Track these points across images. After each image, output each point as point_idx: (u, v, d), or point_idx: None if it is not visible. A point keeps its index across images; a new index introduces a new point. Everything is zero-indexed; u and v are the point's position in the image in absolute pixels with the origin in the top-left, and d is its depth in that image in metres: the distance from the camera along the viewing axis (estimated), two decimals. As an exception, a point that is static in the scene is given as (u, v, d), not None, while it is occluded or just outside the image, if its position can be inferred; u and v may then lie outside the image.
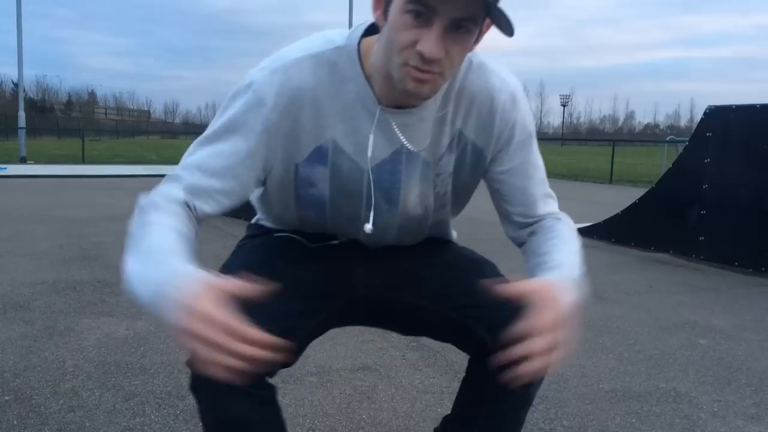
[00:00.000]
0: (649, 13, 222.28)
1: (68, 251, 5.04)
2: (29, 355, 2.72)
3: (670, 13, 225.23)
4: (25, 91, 21.13)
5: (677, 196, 5.63)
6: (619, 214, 6.21)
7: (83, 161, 18.28)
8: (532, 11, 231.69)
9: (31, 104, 53.68)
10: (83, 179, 12.35)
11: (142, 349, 2.83)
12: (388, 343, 2.95)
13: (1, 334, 2.98)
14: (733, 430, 2.20)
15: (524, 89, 1.26)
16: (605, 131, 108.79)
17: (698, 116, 6.37)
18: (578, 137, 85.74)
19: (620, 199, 8.52)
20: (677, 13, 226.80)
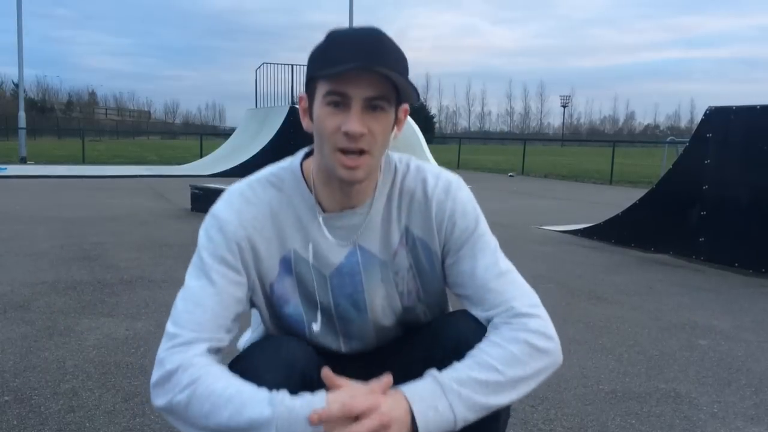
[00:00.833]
0: (649, 13, 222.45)
1: (68, 251, 5.04)
2: (29, 355, 2.72)
3: (670, 13, 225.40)
4: (25, 91, 21.16)
5: (677, 197, 5.63)
6: (619, 215, 6.21)
7: (83, 161, 18.28)
8: (532, 11, 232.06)
9: (31, 104, 53.61)
10: (83, 179, 12.36)
11: (142, 349, 2.83)
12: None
13: (1, 334, 2.98)
14: (732, 431, 2.20)
15: (524, 89, 1.27)
16: (605, 132, 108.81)
17: (698, 117, 6.37)
18: (578, 138, 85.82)
19: (620, 200, 8.52)
20: (677, 13, 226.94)
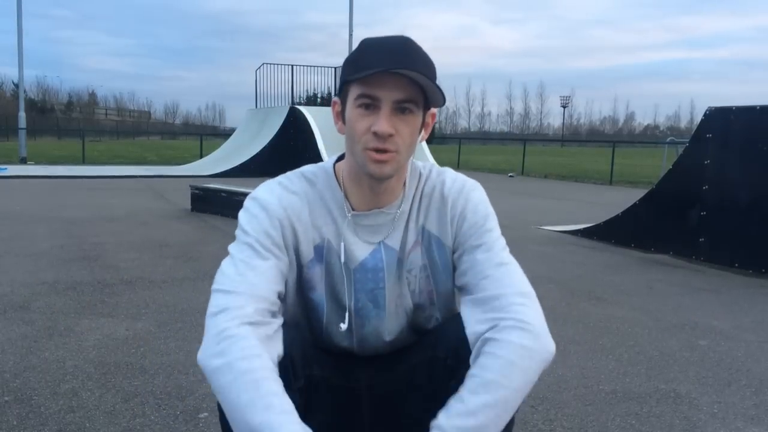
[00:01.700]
0: (649, 14, 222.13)
1: (68, 251, 5.04)
2: (29, 355, 2.72)
3: (670, 14, 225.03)
4: (25, 91, 21.16)
5: (677, 197, 5.63)
6: (619, 215, 6.21)
7: (83, 162, 18.27)
8: (531, 12, 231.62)
9: (31, 105, 53.54)
10: (83, 180, 12.35)
11: (142, 349, 2.83)
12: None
13: (1, 334, 2.98)
14: (732, 431, 2.20)
15: (524, 90, 1.29)
16: (605, 132, 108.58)
17: (698, 117, 6.38)
18: (578, 138, 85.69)
19: (620, 200, 8.52)
20: (677, 14, 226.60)
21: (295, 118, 14.24)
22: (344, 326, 1.30)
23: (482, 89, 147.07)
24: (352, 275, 1.29)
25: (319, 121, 13.27)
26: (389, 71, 1.12)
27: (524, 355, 1.11)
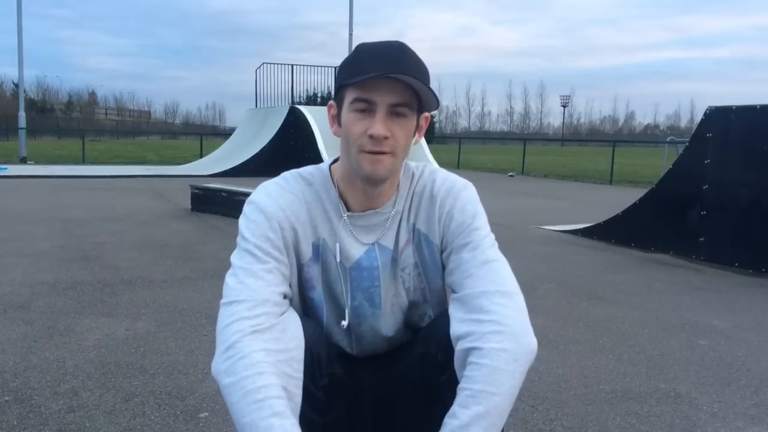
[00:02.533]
0: (648, 13, 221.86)
1: (68, 251, 5.04)
2: (29, 355, 2.72)
3: (669, 13, 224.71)
4: (25, 91, 21.15)
5: (677, 196, 5.63)
6: (619, 214, 6.21)
7: (83, 162, 18.27)
8: (531, 11, 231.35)
9: (31, 104, 53.50)
10: (83, 179, 12.35)
11: (142, 349, 2.83)
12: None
13: (1, 334, 2.98)
14: (733, 430, 2.20)
15: (524, 89, 1.29)
16: (605, 132, 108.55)
17: (698, 117, 6.38)
18: (578, 138, 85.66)
19: (620, 199, 8.52)
20: (677, 13, 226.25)
21: (295, 117, 14.24)
22: (345, 323, 1.31)
23: (482, 89, 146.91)
24: (348, 274, 1.31)
25: (319, 120, 13.26)
26: (385, 76, 1.15)
27: (507, 358, 1.13)
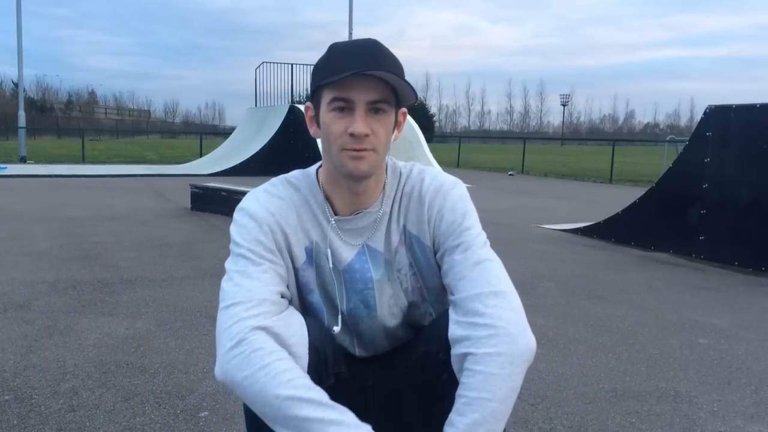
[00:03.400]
0: (648, 12, 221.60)
1: (68, 250, 5.04)
2: (29, 354, 2.72)
3: (669, 12, 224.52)
4: (25, 90, 21.13)
5: (677, 195, 5.63)
6: (619, 213, 6.21)
7: (83, 161, 18.26)
8: (531, 11, 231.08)
9: (31, 104, 53.42)
10: (83, 179, 12.35)
11: (142, 348, 2.83)
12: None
13: (1, 334, 2.98)
14: (732, 429, 2.20)
15: (524, 88, 1.28)
16: (605, 131, 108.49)
17: (698, 116, 6.37)
18: (578, 137, 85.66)
19: (620, 198, 8.52)
20: (677, 12, 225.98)
21: (294, 116, 14.22)
22: (337, 329, 1.31)
23: (482, 88, 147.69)
24: (341, 276, 1.30)
25: (319, 120, 13.24)
26: (361, 74, 1.15)
27: (502, 362, 1.12)
